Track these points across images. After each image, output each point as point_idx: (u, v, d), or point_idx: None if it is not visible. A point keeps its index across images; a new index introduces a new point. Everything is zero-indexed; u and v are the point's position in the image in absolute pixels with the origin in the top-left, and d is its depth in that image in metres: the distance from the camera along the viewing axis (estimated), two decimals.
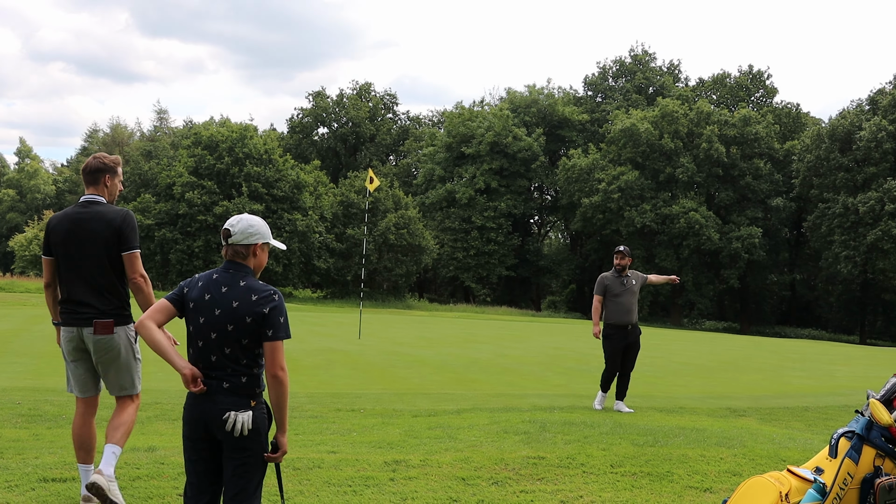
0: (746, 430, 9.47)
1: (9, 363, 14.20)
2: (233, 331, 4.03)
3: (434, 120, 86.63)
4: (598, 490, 6.30)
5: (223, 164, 54.01)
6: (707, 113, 63.18)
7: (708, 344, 31.12)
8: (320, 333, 24.86)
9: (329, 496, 5.81)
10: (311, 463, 6.75)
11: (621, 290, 11.35)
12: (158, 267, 54.33)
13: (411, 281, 62.30)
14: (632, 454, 7.50)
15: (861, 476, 4.35)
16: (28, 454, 6.80)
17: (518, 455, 7.30)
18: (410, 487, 6.14)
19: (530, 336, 29.57)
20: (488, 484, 6.34)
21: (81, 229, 5.56)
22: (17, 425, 8.60)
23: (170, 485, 5.88)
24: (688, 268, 61.18)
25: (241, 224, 4.20)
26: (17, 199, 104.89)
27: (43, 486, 5.72)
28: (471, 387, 13.79)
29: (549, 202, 77.24)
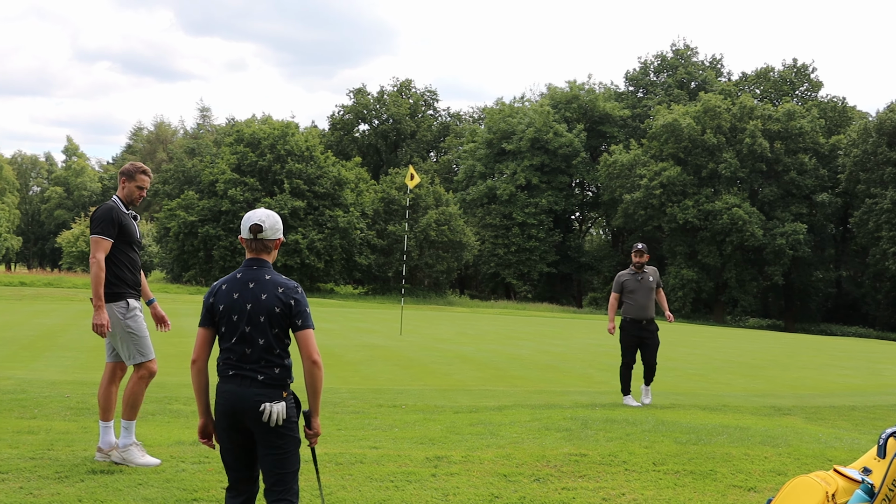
0: (791, 429, 9.36)
1: (57, 357, 14.43)
2: (265, 321, 4.24)
3: (474, 116, 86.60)
4: (640, 488, 6.27)
5: (265, 161, 54.41)
6: (750, 108, 62.41)
7: (751, 341, 30.81)
8: (362, 329, 24.96)
9: (371, 491, 5.85)
10: (354, 458, 6.80)
11: (637, 287, 11.65)
12: (202, 263, 54.84)
13: (452, 277, 62.28)
14: (674, 452, 7.46)
15: None
16: (77, 446, 6.91)
17: (560, 452, 7.29)
18: (452, 483, 6.16)
19: (571, 333, 29.46)
20: (530, 481, 6.34)
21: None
22: (66, 418, 8.75)
23: (214, 478, 5.95)
24: (731, 264, 60.57)
25: (271, 220, 4.43)
26: (65, 197, 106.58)
27: (92, 478, 5.82)
28: (512, 383, 13.78)
29: (591, 198, 76.90)
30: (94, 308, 6.46)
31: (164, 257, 64.26)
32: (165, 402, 10.10)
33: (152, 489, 5.62)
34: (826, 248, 64.11)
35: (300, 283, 36.22)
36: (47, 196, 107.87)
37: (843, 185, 60.46)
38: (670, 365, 17.11)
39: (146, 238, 71.41)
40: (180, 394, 10.76)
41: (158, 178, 74.73)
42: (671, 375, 15.59)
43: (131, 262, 6.81)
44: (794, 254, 58.93)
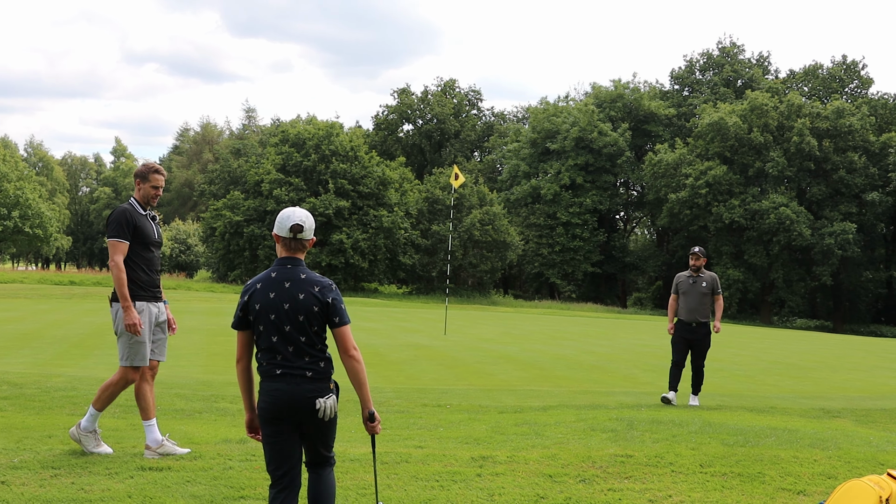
0: (841, 432, 9.22)
1: (106, 355, 14.62)
2: (304, 320, 4.34)
3: (519, 116, 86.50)
4: (687, 490, 6.22)
5: (310, 162, 54.76)
6: (798, 105, 61.60)
7: (798, 342, 30.41)
8: (406, 329, 25.01)
9: (417, 490, 5.86)
10: (399, 457, 6.81)
11: (689, 289, 11.96)
12: (247, 262, 55.35)
13: (496, 277, 62.22)
14: (722, 454, 7.38)
15: None
16: (126, 443, 7.01)
17: (605, 453, 7.25)
18: (497, 483, 6.15)
19: (616, 333, 29.29)
20: (575, 481, 6.31)
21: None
22: (115, 415, 8.87)
23: (261, 475, 5.99)
24: (778, 264, 59.83)
25: (310, 220, 4.51)
26: (113, 197, 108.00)
27: (141, 475, 5.89)
28: (557, 383, 13.73)
29: (635, 198, 76.43)
30: (123, 310, 6.62)
31: (210, 257, 64.94)
32: (212, 400, 10.20)
33: (200, 486, 5.68)
34: (876, 247, 63.02)
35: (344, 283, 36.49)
36: (96, 196, 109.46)
37: (894, 184, 59.44)
38: (717, 366, 16.94)
39: (192, 238, 72.20)
40: (227, 392, 10.87)
41: (204, 178, 75.57)
42: (718, 376, 15.43)
43: (147, 262, 6.90)
44: (843, 254, 57.98)
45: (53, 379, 11.19)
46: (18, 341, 16.44)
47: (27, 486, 5.48)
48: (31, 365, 12.85)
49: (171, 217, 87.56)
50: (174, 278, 58.91)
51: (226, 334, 20.13)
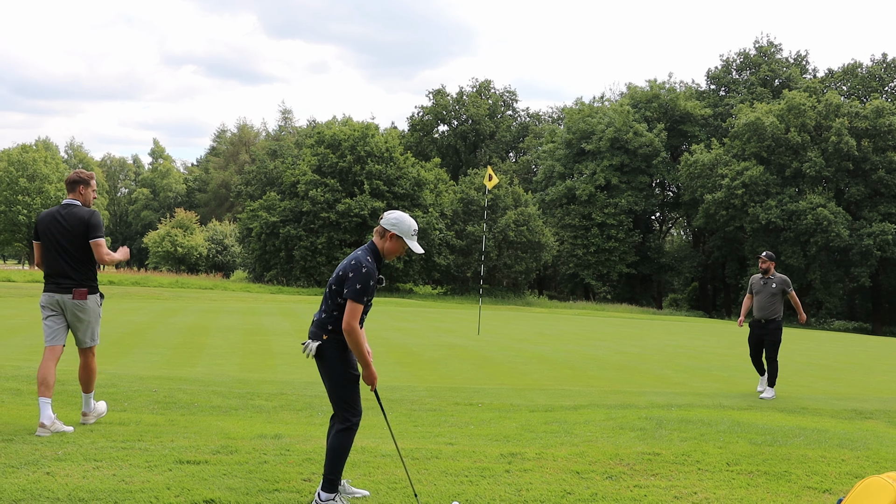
0: (872, 433, 9.24)
1: (144, 353, 14.92)
2: (333, 284, 5.44)
3: (554, 116, 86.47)
4: (712, 487, 6.31)
5: (345, 163, 55.08)
6: (836, 105, 60.94)
7: (834, 344, 30.17)
8: (440, 329, 25.15)
9: (446, 485, 6.00)
10: (430, 454, 6.96)
11: (760, 290, 13.48)
12: (283, 263, 55.81)
13: (531, 278, 62.25)
14: (749, 453, 7.45)
15: None
16: (165, 438, 7.21)
17: (633, 451, 7.35)
18: (525, 479, 6.28)
19: (650, 333, 29.26)
20: (602, 478, 6.42)
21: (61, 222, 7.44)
22: (153, 411, 9.10)
23: (295, 470, 6.16)
24: (815, 265, 59.24)
25: (392, 216, 5.56)
26: (151, 198, 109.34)
27: (179, 468, 6.08)
28: (588, 383, 13.80)
29: (671, 198, 76.08)
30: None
31: (247, 257, 65.53)
32: (248, 398, 10.39)
33: (236, 479, 5.86)
34: None
35: None
36: (135, 197, 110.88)
37: None
38: (749, 366, 16.91)
39: (229, 238, 72.96)
40: (262, 390, 11.07)
41: (241, 179, 76.26)
42: (750, 377, 15.43)
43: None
44: (883, 255, 57.32)
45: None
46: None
47: (71, 478, 5.69)
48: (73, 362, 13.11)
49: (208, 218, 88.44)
50: (210, 278, 59.53)
51: (261, 333, 20.40)
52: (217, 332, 20.34)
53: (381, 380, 12.55)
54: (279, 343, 17.93)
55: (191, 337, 18.63)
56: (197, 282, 51.34)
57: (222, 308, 30.16)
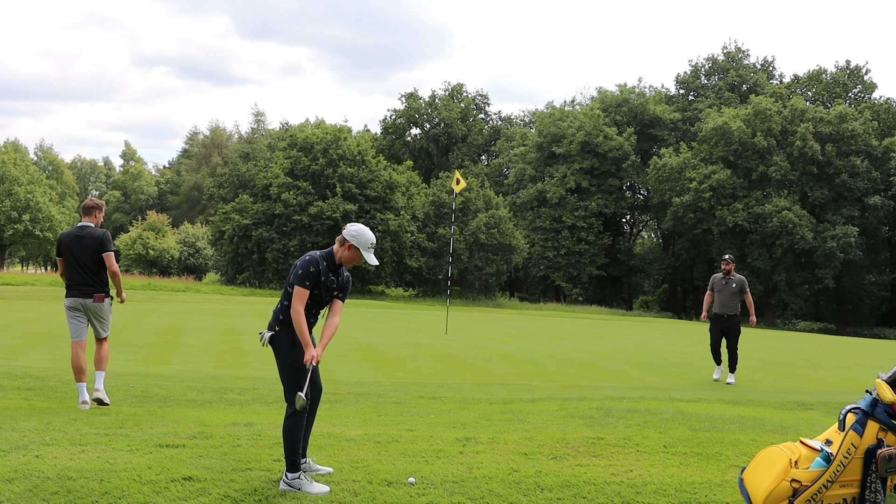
0: (806, 421, 9.90)
1: (120, 352, 15.34)
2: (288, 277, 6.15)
3: (525, 120, 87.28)
4: (648, 465, 6.91)
5: (318, 166, 55.49)
6: (801, 110, 62.21)
7: (792, 342, 30.99)
8: (409, 329, 25.71)
9: (404, 464, 6.57)
10: (391, 438, 7.54)
11: (722, 288, 15.10)
12: (255, 265, 56.11)
13: (502, 280, 62.89)
14: (686, 437, 8.08)
15: (865, 447, 4.90)
16: (144, 425, 7.75)
17: (579, 436, 7.96)
18: (477, 460, 6.86)
19: (613, 333, 29.95)
20: (548, 458, 7.01)
21: (82, 242, 9.26)
22: (132, 404, 9.61)
23: (266, 452, 6.72)
24: (780, 267, 60.40)
25: (354, 228, 6.17)
26: (123, 200, 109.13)
27: (159, 451, 6.62)
28: (547, 378, 14.41)
29: (641, 201, 77.08)
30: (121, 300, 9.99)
31: (219, 260, 65.79)
32: (221, 392, 10.92)
33: (212, 460, 6.40)
34: (880, 251, 63.55)
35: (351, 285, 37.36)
36: (105, 200, 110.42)
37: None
38: (703, 363, 17.62)
39: (201, 241, 73.17)
40: (235, 385, 11.60)
41: (214, 181, 76.44)
42: (703, 372, 16.11)
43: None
44: (846, 257, 58.53)
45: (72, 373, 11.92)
46: (37, 339, 17.23)
47: (59, 460, 6.21)
48: (51, 361, 13.62)
49: (180, 220, 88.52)
50: (183, 281, 59.72)
51: (234, 333, 20.89)
52: (191, 332, 20.80)
53: (350, 377, 13.17)
54: (251, 342, 18.43)
55: (165, 336, 19.10)
56: (169, 284, 51.55)
57: (195, 309, 30.56)
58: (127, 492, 5.52)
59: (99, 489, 5.54)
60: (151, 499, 5.43)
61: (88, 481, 5.68)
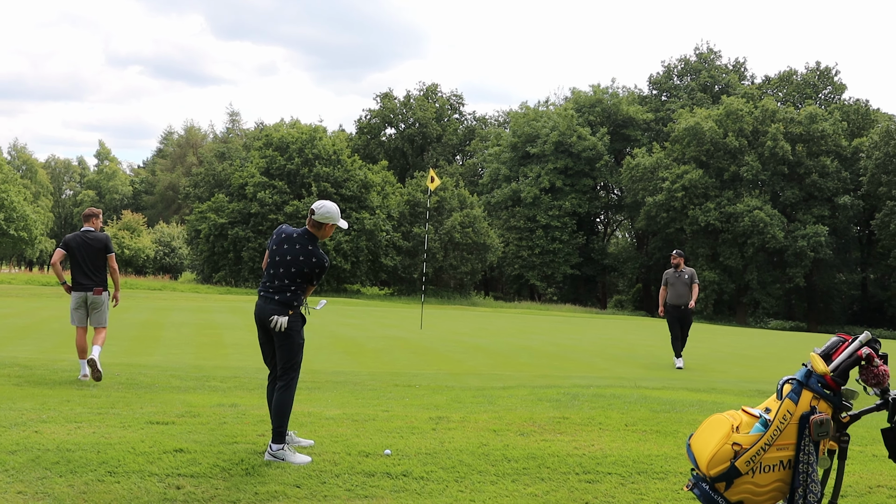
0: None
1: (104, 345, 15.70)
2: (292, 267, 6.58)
3: (500, 120, 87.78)
4: (608, 441, 7.41)
5: (293, 165, 55.74)
6: (772, 111, 63.11)
7: (761, 338, 31.69)
8: (384, 324, 26.13)
9: (380, 439, 7.03)
10: (367, 417, 8.00)
11: (675, 281, 16.36)
12: (231, 264, 56.25)
13: (476, 279, 63.34)
14: (647, 417, 8.59)
15: (799, 414, 5.39)
16: (135, 406, 8.17)
17: (546, 416, 8.44)
18: (449, 436, 7.33)
19: (585, 329, 30.49)
20: (515, 434, 7.49)
21: (88, 244, 10.75)
22: (118, 390, 9.99)
23: (250, 428, 7.16)
24: (752, 266, 61.24)
25: (323, 209, 6.62)
26: (97, 200, 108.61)
27: (150, 427, 7.05)
28: (519, 369, 14.90)
29: (615, 201, 77.74)
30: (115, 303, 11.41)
31: (195, 259, 65.83)
32: (204, 380, 11.33)
33: (200, 435, 6.83)
34: (851, 250, 64.51)
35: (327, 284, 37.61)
36: (80, 199, 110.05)
37: (865, 188, 60.93)
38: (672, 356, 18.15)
39: (176, 241, 73.20)
40: (217, 374, 12.01)
41: (189, 181, 76.50)
42: (669, 367, 16.65)
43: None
44: (816, 256, 59.44)
45: (59, 363, 12.32)
46: (20, 333, 17.55)
47: (56, 435, 6.63)
48: (36, 352, 13.96)
49: (156, 220, 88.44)
50: (159, 280, 59.82)
51: (213, 328, 21.24)
52: (170, 326, 21.14)
53: (328, 366, 13.61)
54: (231, 336, 18.80)
55: (146, 331, 19.43)
56: (145, 283, 51.68)
57: (173, 306, 30.83)
58: (123, 462, 5.94)
59: (96, 459, 5.95)
60: (146, 468, 5.86)
61: (86, 453, 6.09)
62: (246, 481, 5.77)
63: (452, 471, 6.24)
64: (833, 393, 5.54)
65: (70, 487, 5.41)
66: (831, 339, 5.82)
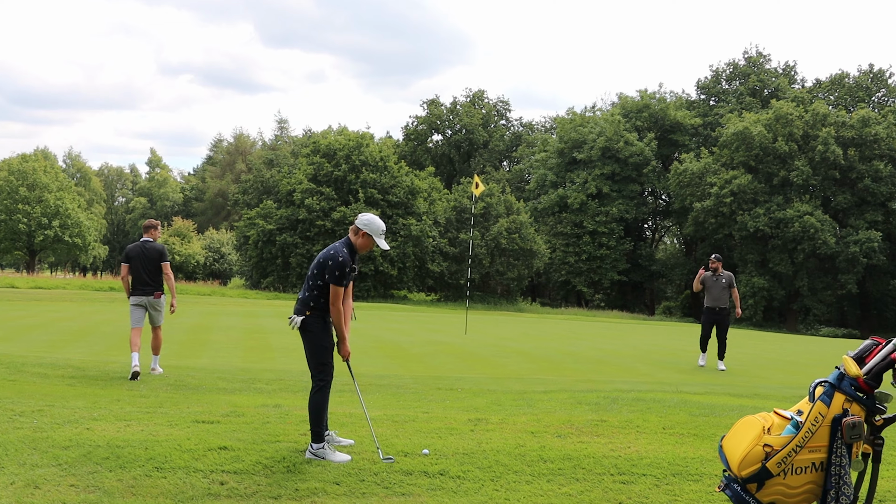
0: None
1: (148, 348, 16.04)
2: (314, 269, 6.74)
3: (546, 126, 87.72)
4: (645, 444, 7.48)
5: (340, 172, 56.15)
6: (823, 114, 62.19)
7: (809, 345, 31.33)
8: (429, 329, 26.27)
9: (419, 439, 7.18)
10: (407, 418, 8.15)
11: (712, 284, 16.90)
12: (280, 270, 56.79)
13: (523, 285, 63.23)
14: (685, 421, 8.63)
15: (831, 416, 5.44)
16: (181, 405, 8.41)
17: (584, 418, 8.52)
18: (486, 437, 7.45)
19: (631, 335, 30.37)
20: (553, 436, 7.59)
21: (146, 253, 11.78)
22: (167, 391, 10.26)
23: (293, 428, 7.35)
24: (803, 272, 60.37)
25: (365, 217, 6.81)
26: (148, 207, 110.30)
27: (196, 426, 7.27)
28: (562, 374, 14.96)
29: (662, 206, 77.22)
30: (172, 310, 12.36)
31: (244, 265, 66.57)
32: (250, 382, 11.57)
33: (244, 434, 7.03)
34: None
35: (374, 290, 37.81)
36: (132, 206, 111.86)
37: None
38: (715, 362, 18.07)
39: (226, 247, 74.17)
40: (263, 377, 12.25)
41: (238, 188, 77.42)
42: (712, 372, 16.59)
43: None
44: (869, 262, 58.43)
45: (110, 364, 12.65)
46: (73, 336, 17.97)
47: (106, 432, 6.87)
48: (88, 354, 14.34)
49: (205, 226, 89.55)
50: (208, 285, 60.59)
51: (260, 332, 21.56)
52: (219, 330, 21.51)
53: (371, 370, 13.77)
54: (277, 340, 19.08)
55: (194, 334, 19.79)
56: (195, 288, 52.40)
57: (222, 311, 31.27)
58: (169, 458, 6.15)
59: (144, 455, 6.17)
60: (191, 464, 6.06)
61: (135, 449, 6.32)
62: (287, 478, 5.95)
63: (489, 470, 6.37)
64: (866, 396, 5.58)
65: (119, 482, 5.63)
66: (865, 343, 5.86)
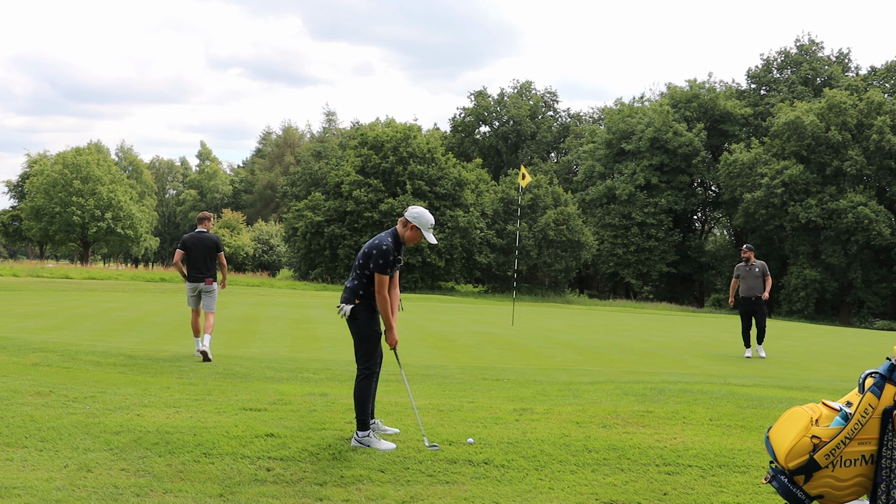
0: None
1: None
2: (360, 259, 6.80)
3: (594, 117, 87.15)
4: (691, 435, 7.42)
5: (388, 164, 56.32)
6: (878, 103, 60.99)
7: (862, 338, 30.83)
8: (476, 320, 26.30)
9: (463, 428, 7.21)
10: (452, 407, 8.18)
11: (746, 274, 17.42)
12: (328, 261, 57.14)
13: (571, 277, 62.97)
14: (732, 412, 8.55)
15: (882, 408, 5.36)
16: (229, 393, 8.53)
17: (630, 409, 8.49)
18: (531, 426, 7.45)
19: (680, 327, 30.16)
20: (598, 427, 7.57)
21: (201, 242, 12.92)
22: (216, 379, 10.40)
23: (339, 416, 7.42)
24: (856, 264, 59.38)
25: (415, 210, 6.82)
26: (199, 199, 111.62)
27: (244, 413, 7.37)
28: (609, 365, 14.89)
29: (712, 197, 76.36)
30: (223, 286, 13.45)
31: (292, 256, 67.09)
32: (297, 371, 11.69)
33: (291, 421, 7.12)
34: None
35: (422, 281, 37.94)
36: (182, 199, 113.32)
37: None
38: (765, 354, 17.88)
39: (275, 238, 74.83)
40: (310, 366, 12.36)
41: (286, 180, 78.03)
42: (761, 364, 16.41)
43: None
44: None
45: (160, 353, 12.85)
46: (125, 325, 18.28)
47: (156, 418, 6.99)
48: (139, 343, 14.58)
49: (254, 218, 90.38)
50: (257, 276, 61.18)
51: (308, 322, 21.74)
52: (267, 320, 21.73)
53: (417, 360, 13.83)
54: (325, 330, 19.23)
55: (243, 324, 20.02)
56: (244, 279, 52.99)
57: (270, 302, 31.58)
58: (217, 444, 6.24)
59: (193, 441, 6.28)
60: (239, 450, 6.15)
61: (184, 435, 6.43)
62: (332, 465, 6.01)
63: (533, 460, 6.37)
64: None
65: (168, 466, 5.73)
66: None
